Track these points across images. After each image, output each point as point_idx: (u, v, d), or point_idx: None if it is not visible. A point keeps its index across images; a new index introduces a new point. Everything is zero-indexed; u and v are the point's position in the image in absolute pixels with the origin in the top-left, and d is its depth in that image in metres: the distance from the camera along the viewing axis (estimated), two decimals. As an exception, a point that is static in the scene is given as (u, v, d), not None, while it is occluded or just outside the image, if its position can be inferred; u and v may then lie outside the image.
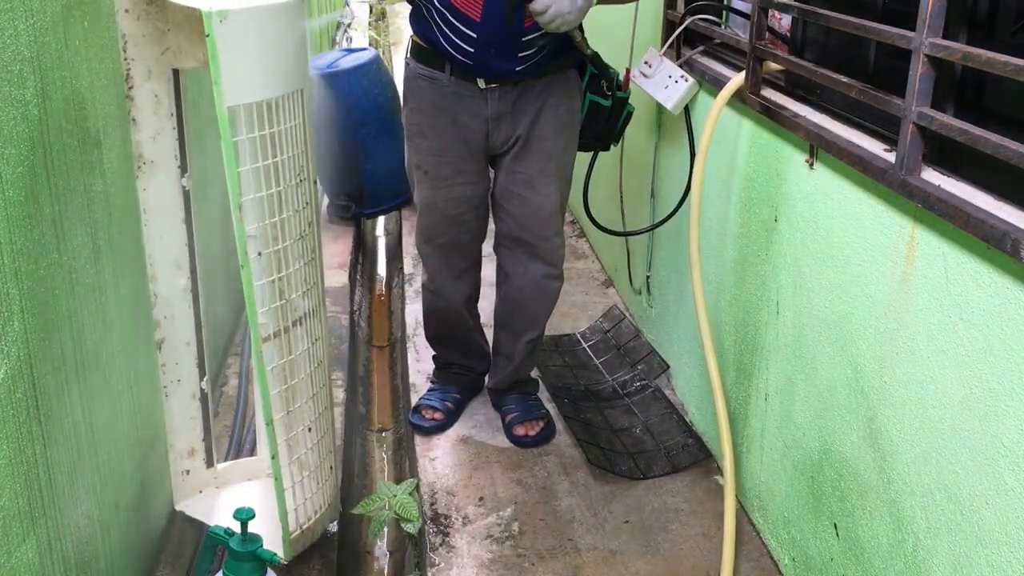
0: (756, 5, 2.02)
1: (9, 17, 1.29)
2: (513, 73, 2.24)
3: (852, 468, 1.76)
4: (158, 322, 2.06)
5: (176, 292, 2.06)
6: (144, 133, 1.95)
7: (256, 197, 1.82)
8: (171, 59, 1.94)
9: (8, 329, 1.27)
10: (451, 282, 2.52)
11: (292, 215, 1.90)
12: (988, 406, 1.36)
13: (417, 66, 2.35)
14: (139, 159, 1.96)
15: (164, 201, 2.01)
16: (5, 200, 1.27)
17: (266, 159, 1.82)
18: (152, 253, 2.02)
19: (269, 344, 1.91)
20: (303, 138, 1.91)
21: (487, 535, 2.22)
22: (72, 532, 1.50)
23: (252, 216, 1.83)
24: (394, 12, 9.19)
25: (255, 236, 1.83)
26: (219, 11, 1.67)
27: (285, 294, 1.92)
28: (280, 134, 1.83)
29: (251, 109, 1.77)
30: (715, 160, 2.34)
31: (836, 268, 1.79)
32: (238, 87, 1.73)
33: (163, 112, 1.96)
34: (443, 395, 2.69)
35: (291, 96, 1.85)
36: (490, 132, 2.33)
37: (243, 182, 1.79)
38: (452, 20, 2.18)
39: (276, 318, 1.92)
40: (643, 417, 2.67)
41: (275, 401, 1.94)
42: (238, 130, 1.76)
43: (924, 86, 1.47)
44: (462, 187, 2.39)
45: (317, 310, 2.03)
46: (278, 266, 1.89)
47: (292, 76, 1.85)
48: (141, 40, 1.89)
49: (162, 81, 1.94)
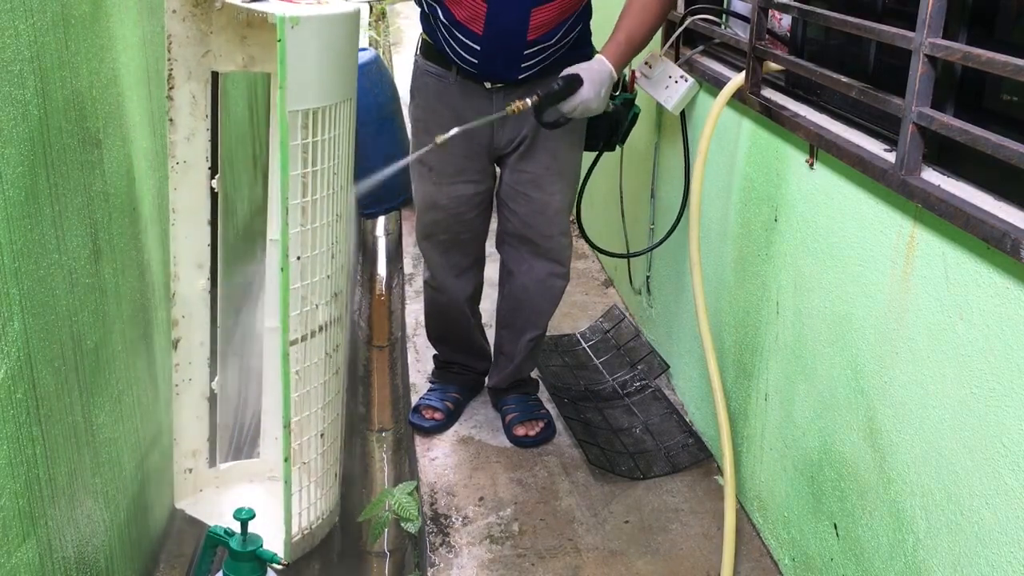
0: (756, 5, 2.02)
1: (9, 17, 1.29)
2: (518, 79, 2.25)
3: (852, 468, 1.76)
4: (176, 321, 2.08)
5: (196, 292, 2.08)
6: (180, 133, 1.98)
7: (299, 203, 1.85)
8: (211, 62, 1.98)
9: (8, 329, 1.27)
10: (453, 279, 2.52)
11: (325, 225, 1.92)
12: (988, 406, 1.36)
13: (425, 63, 2.36)
14: (173, 159, 1.98)
15: (192, 202, 2.03)
16: (5, 200, 1.27)
17: (310, 167, 1.85)
18: (177, 252, 2.04)
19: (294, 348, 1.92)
20: (347, 146, 1.94)
21: (487, 535, 2.22)
22: (72, 532, 1.50)
23: (295, 220, 1.86)
24: (394, 12, 9.20)
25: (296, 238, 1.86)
26: (292, 17, 1.71)
27: (308, 302, 1.93)
28: (327, 142, 1.86)
29: (308, 115, 1.81)
30: (715, 160, 2.34)
31: (836, 268, 1.79)
32: (299, 92, 1.77)
33: (199, 113, 1.99)
34: (443, 395, 2.69)
35: (341, 105, 1.88)
36: (495, 132, 2.33)
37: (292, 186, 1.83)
38: (456, 33, 2.19)
39: (299, 323, 1.92)
40: (643, 417, 2.67)
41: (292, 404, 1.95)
42: (294, 134, 1.80)
43: (924, 86, 1.47)
44: (465, 185, 2.39)
45: (342, 317, 2.04)
46: (304, 274, 1.90)
47: (344, 84, 1.89)
48: (185, 41, 1.93)
49: (201, 83, 1.98)
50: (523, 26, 2.15)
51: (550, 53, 2.23)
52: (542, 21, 2.16)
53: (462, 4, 2.13)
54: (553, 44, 2.22)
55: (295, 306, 1.90)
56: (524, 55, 2.20)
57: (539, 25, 2.16)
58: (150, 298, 2.00)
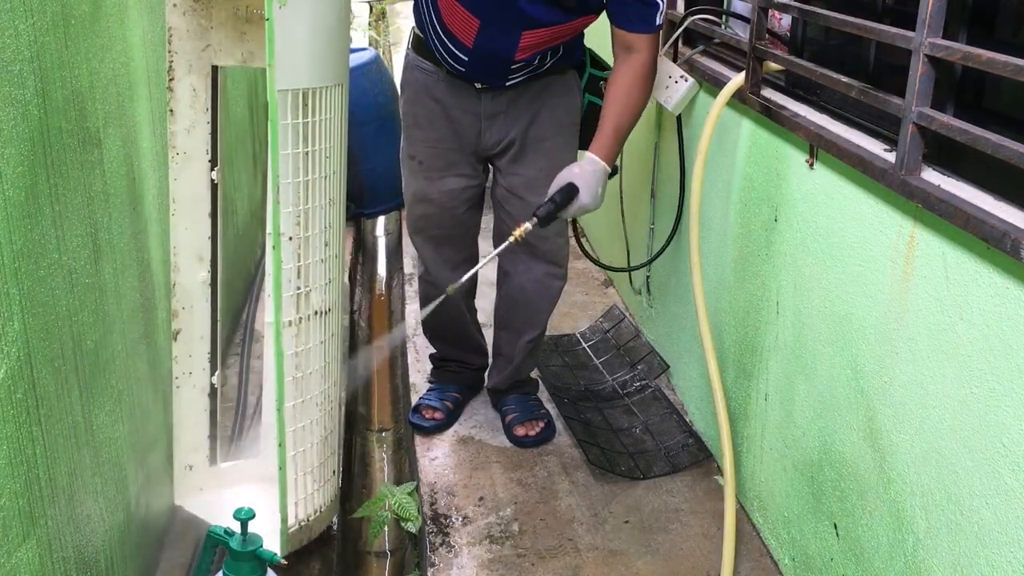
0: (756, 5, 2.02)
1: (9, 17, 1.29)
2: (505, 86, 2.25)
3: (852, 468, 1.76)
4: (176, 312, 2.09)
5: (196, 284, 2.09)
6: (180, 124, 2.02)
7: (288, 183, 1.86)
8: (211, 56, 2.03)
9: (8, 329, 1.27)
10: (448, 273, 2.50)
11: (319, 206, 1.93)
12: (988, 406, 1.36)
13: (416, 57, 2.35)
14: (173, 149, 2.01)
15: (193, 193, 2.06)
16: (5, 200, 1.27)
17: (298, 148, 1.86)
18: (177, 243, 2.06)
19: (288, 330, 1.93)
20: (339, 132, 1.96)
21: (487, 535, 2.22)
22: (72, 532, 1.50)
23: (287, 199, 1.87)
24: (394, 12, 9.20)
25: (288, 217, 1.88)
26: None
27: (303, 283, 1.94)
28: (318, 124, 1.88)
29: (298, 95, 1.82)
30: (715, 160, 2.34)
31: (836, 268, 1.79)
32: (287, 72, 1.79)
33: (199, 106, 2.03)
34: (442, 394, 2.69)
35: (332, 89, 1.90)
36: (482, 130, 2.33)
37: (283, 165, 1.84)
38: (446, 40, 2.19)
39: (294, 306, 1.93)
40: (643, 417, 2.67)
41: (289, 388, 1.96)
42: (283, 115, 1.81)
43: (924, 86, 1.47)
44: (455, 179, 2.39)
45: (336, 305, 2.05)
46: (300, 254, 1.91)
47: (336, 68, 1.92)
48: (185, 35, 1.97)
49: (201, 76, 2.02)
50: (512, 46, 2.14)
51: (538, 65, 2.23)
52: (531, 43, 2.14)
53: (455, 14, 2.12)
54: (543, 62, 2.23)
55: (289, 287, 1.91)
56: (511, 69, 2.21)
57: (528, 47, 2.15)
58: (151, 297, 2.00)
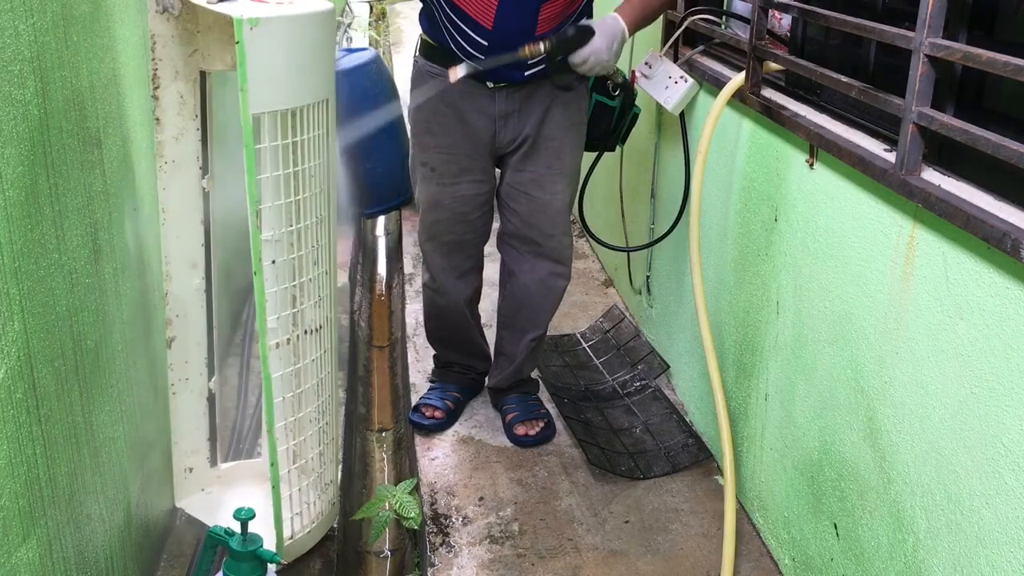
0: (756, 5, 2.02)
1: (9, 17, 1.29)
2: (523, 78, 2.25)
3: (852, 468, 1.76)
4: (170, 320, 2.06)
5: (190, 292, 2.06)
6: (167, 133, 1.95)
7: (275, 205, 1.81)
8: (199, 61, 1.94)
9: (8, 329, 1.27)
10: (453, 281, 2.52)
11: (310, 225, 1.89)
12: (988, 406, 1.36)
13: (425, 64, 2.35)
14: (161, 158, 1.96)
15: (183, 201, 2.01)
16: (5, 200, 1.27)
17: (287, 168, 1.80)
18: (168, 252, 2.02)
19: (278, 351, 1.91)
20: (326, 149, 1.90)
21: (487, 535, 2.22)
22: (72, 532, 1.50)
23: (270, 223, 1.81)
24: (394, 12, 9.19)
25: (271, 242, 1.82)
26: (250, 19, 1.65)
27: (298, 302, 1.91)
28: (303, 143, 1.82)
29: (275, 117, 1.75)
30: (715, 160, 2.34)
31: (836, 268, 1.79)
32: (265, 95, 1.72)
33: (187, 113, 1.96)
34: (443, 394, 2.69)
35: (316, 106, 1.83)
36: (497, 131, 2.33)
37: (264, 189, 1.78)
38: (462, 26, 2.19)
39: (287, 325, 1.91)
40: (643, 417, 2.67)
41: (281, 408, 1.94)
42: (262, 137, 1.75)
43: (924, 86, 1.47)
44: (469, 185, 2.39)
45: (329, 321, 2.03)
46: (293, 274, 1.88)
47: (319, 86, 1.84)
48: (170, 41, 1.89)
49: (188, 82, 1.94)
50: (532, 20, 2.16)
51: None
52: (549, 15, 2.17)
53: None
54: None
55: (285, 306, 1.88)
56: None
57: (547, 19, 2.17)
58: (150, 298, 2.00)
